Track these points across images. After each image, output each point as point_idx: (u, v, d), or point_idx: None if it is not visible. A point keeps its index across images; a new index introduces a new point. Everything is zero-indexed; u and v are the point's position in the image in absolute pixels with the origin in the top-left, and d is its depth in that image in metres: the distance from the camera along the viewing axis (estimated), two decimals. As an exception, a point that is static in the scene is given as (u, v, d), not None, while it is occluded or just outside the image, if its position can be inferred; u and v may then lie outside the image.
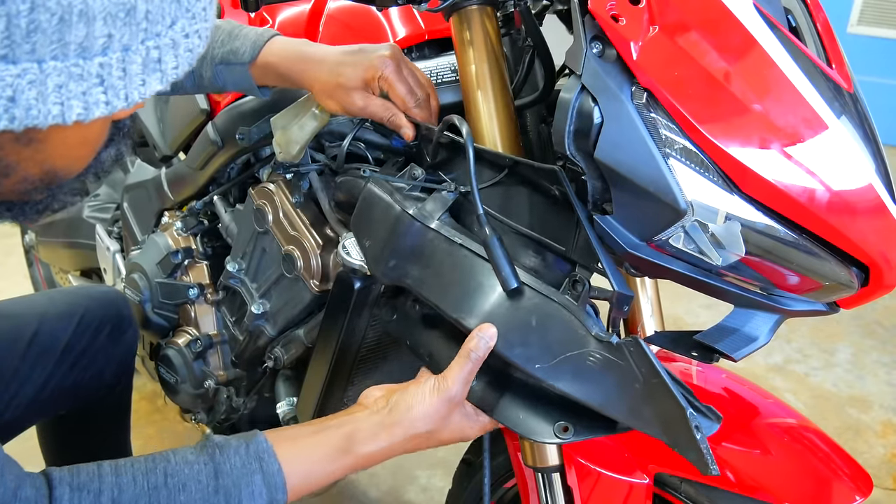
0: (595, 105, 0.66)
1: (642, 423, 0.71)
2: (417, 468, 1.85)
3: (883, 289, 0.72)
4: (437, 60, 1.04)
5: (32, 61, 0.43)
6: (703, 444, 0.67)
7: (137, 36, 0.47)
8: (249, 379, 1.30)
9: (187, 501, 0.71)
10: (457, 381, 0.77)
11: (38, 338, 1.09)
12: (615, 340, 0.72)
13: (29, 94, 0.44)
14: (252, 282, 1.18)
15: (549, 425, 0.78)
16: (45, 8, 0.42)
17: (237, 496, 0.72)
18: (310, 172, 1.07)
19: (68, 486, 0.68)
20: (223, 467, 0.73)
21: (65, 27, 0.43)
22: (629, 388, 0.71)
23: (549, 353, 0.75)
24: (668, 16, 0.67)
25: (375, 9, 1.11)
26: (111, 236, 1.58)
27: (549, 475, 0.91)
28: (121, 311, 1.20)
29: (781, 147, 0.66)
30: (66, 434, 1.31)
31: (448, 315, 0.81)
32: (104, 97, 0.47)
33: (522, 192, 0.80)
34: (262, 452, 0.74)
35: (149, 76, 0.49)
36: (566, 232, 0.76)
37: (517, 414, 0.79)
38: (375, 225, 0.88)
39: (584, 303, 0.75)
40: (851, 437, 2.01)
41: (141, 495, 0.70)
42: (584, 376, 0.73)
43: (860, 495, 0.81)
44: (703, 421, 0.72)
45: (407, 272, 0.85)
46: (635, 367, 0.71)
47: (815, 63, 0.72)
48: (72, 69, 0.45)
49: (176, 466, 0.72)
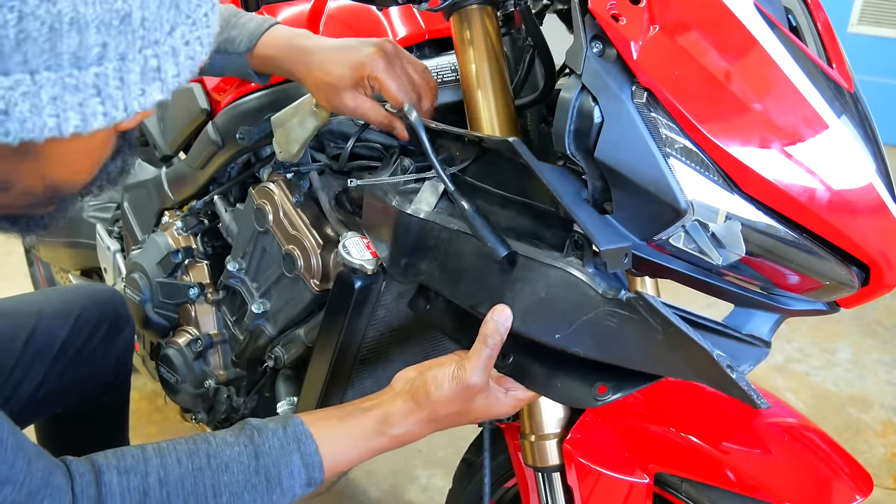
0: (595, 105, 0.66)
1: (676, 371, 0.69)
2: (417, 468, 1.85)
3: (883, 288, 0.72)
4: (438, 60, 1.04)
5: (25, 72, 0.42)
6: (741, 381, 0.64)
7: (134, 44, 0.45)
8: (250, 379, 1.30)
9: (230, 481, 0.73)
10: (475, 370, 0.78)
11: (35, 336, 1.09)
12: (624, 296, 0.70)
13: (23, 106, 0.42)
14: (252, 281, 1.18)
15: (588, 388, 0.76)
16: (34, 17, 0.41)
17: (277, 475, 0.74)
18: (310, 172, 1.07)
19: (115, 470, 0.70)
20: (263, 448, 0.75)
21: (56, 36, 0.42)
22: (651, 340, 0.69)
23: (565, 322, 0.73)
24: (669, 15, 0.67)
25: (375, 8, 1.11)
26: (111, 236, 1.58)
27: (550, 475, 0.91)
28: (118, 310, 1.20)
29: (782, 146, 0.66)
30: (64, 432, 1.31)
31: (463, 305, 0.81)
32: (102, 108, 0.45)
33: (504, 164, 0.79)
34: (299, 434, 0.77)
35: (148, 85, 0.47)
36: (551, 194, 0.75)
37: (555, 384, 0.79)
38: (381, 228, 0.88)
39: (588, 260, 0.72)
40: (852, 437, 2.01)
41: (186, 475, 0.72)
42: (604, 337, 0.71)
43: (860, 495, 0.81)
44: (746, 350, 0.70)
45: (419, 269, 0.85)
46: (651, 319, 0.68)
47: (815, 63, 0.72)
48: (66, 80, 0.43)
49: (217, 448, 0.74)
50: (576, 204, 0.70)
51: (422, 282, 0.86)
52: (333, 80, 0.89)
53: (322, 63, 0.90)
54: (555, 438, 0.90)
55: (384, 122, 0.90)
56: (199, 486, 0.72)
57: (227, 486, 0.73)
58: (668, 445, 0.87)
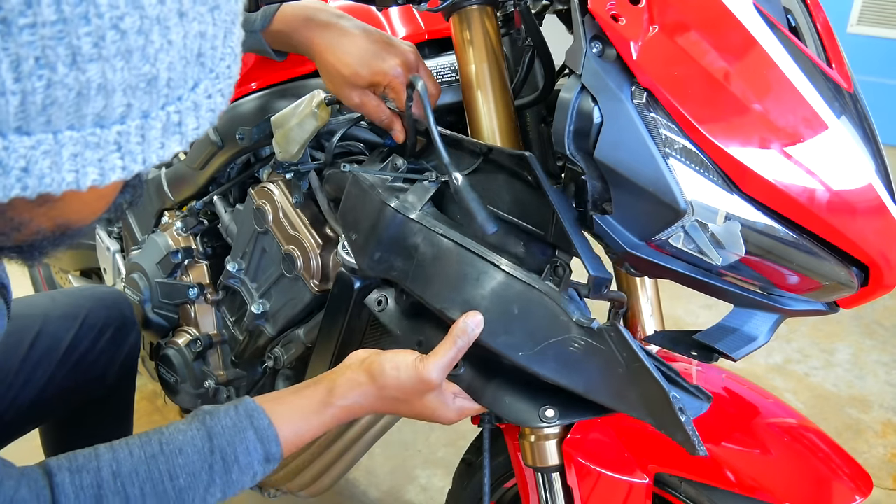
0: (595, 105, 0.66)
1: (627, 407, 0.72)
2: (417, 468, 1.85)
3: (883, 288, 0.72)
4: (437, 60, 1.04)
5: (48, 132, 0.41)
6: (688, 426, 0.68)
7: (158, 102, 0.45)
8: (249, 379, 1.30)
9: (186, 464, 0.73)
10: (436, 367, 0.78)
11: (41, 339, 1.09)
12: (596, 326, 0.72)
13: (43, 163, 0.42)
14: (252, 281, 1.18)
15: (535, 410, 0.78)
16: (63, 84, 0.40)
17: (233, 453, 0.75)
18: (310, 172, 1.07)
19: (67, 471, 0.70)
20: (215, 429, 0.76)
21: (82, 101, 0.41)
22: (613, 372, 0.71)
23: (531, 341, 0.75)
24: (668, 16, 0.67)
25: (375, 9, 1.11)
26: (111, 236, 1.58)
27: (549, 475, 0.91)
28: (124, 314, 1.20)
29: (781, 147, 0.66)
30: (69, 436, 1.31)
31: (432, 306, 0.81)
32: (121, 163, 0.45)
33: (501, 179, 0.80)
34: (251, 411, 0.78)
35: (168, 139, 0.47)
36: (544, 217, 0.76)
37: (504, 400, 0.80)
38: (360, 218, 0.88)
39: (565, 288, 0.75)
40: (851, 437, 2.01)
41: (139, 464, 0.72)
42: (567, 362, 0.74)
43: (860, 495, 0.81)
44: (691, 401, 0.73)
45: (392, 265, 0.85)
46: (617, 352, 0.71)
47: (815, 63, 0.72)
48: (88, 138, 0.43)
49: (170, 436, 0.75)
50: (574, 229, 0.72)
51: (391, 278, 0.86)
52: (348, 75, 0.89)
53: (342, 53, 0.89)
54: (555, 438, 0.90)
55: (385, 121, 0.90)
56: (154, 471, 0.72)
57: (183, 469, 0.73)
58: (667, 445, 0.86)
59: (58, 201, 0.48)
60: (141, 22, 0.41)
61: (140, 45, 0.42)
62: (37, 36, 0.39)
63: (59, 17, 0.39)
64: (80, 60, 0.40)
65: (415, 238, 0.83)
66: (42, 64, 0.39)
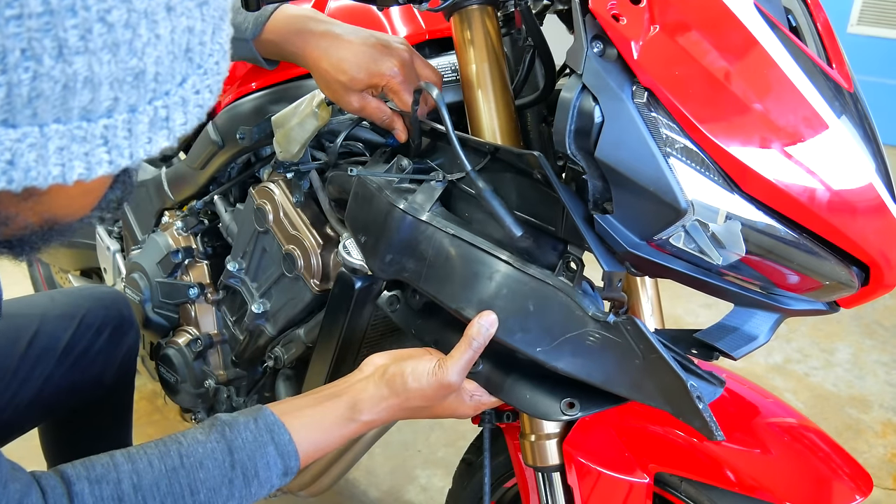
0: (596, 104, 0.66)
1: (645, 396, 0.72)
2: (417, 468, 1.85)
3: (883, 288, 0.73)
4: (438, 60, 1.04)
5: (33, 125, 0.41)
6: (706, 413, 0.69)
7: (145, 97, 0.45)
8: (249, 378, 1.30)
9: (206, 478, 0.73)
10: (455, 370, 0.78)
11: (39, 338, 1.09)
12: (612, 319, 0.72)
13: (28, 156, 0.42)
14: (252, 281, 1.18)
15: (556, 403, 0.78)
16: (49, 77, 0.40)
17: (253, 468, 0.75)
18: (310, 172, 1.07)
19: (87, 481, 0.69)
20: (236, 443, 0.75)
21: (69, 94, 0.41)
22: (629, 364, 0.72)
23: (548, 336, 0.75)
24: (669, 15, 0.67)
25: (376, 8, 1.11)
26: (111, 236, 1.58)
27: (550, 474, 0.91)
28: (122, 313, 1.20)
29: (782, 146, 0.66)
30: (68, 435, 1.31)
31: (447, 306, 0.82)
32: (107, 157, 0.45)
33: (509, 177, 0.80)
34: (271, 425, 0.77)
35: (155, 134, 0.46)
36: (555, 213, 0.76)
37: (524, 394, 0.80)
38: (368, 221, 0.88)
39: (578, 283, 0.75)
40: (851, 437, 2.01)
41: (161, 478, 0.71)
42: (584, 356, 0.74)
43: (860, 495, 0.81)
44: (706, 387, 0.73)
45: (404, 266, 0.85)
46: (633, 344, 0.71)
47: (815, 63, 0.72)
48: (74, 132, 0.43)
49: (189, 447, 0.74)
50: (585, 226, 0.72)
51: (404, 279, 0.86)
52: (345, 80, 0.88)
53: (338, 60, 0.89)
54: (555, 438, 0.90)
55: (387, 121, 0.90)
56: (175, 485, 0.71)
57: (204, 483, 0.73)
58: (668, 445, 0.87)
59: (44, 195, 0.48)
60: (128, 15, 0.41)
61: (127, 39, 0.42)
62: (23, 27, 0.39)
63: (45, 8, 0.39)
64: (66, 53, 0.40)
65: (426, 239, 0.83)
66: (28, 56, 0.39)
